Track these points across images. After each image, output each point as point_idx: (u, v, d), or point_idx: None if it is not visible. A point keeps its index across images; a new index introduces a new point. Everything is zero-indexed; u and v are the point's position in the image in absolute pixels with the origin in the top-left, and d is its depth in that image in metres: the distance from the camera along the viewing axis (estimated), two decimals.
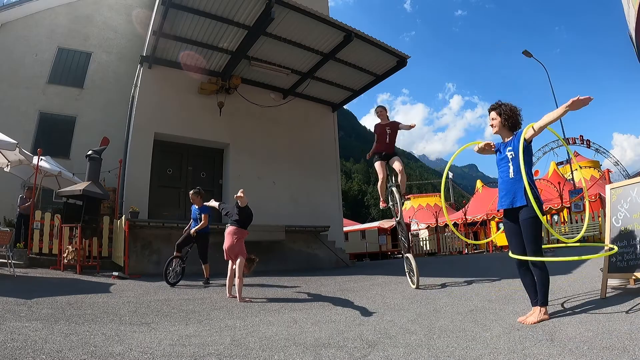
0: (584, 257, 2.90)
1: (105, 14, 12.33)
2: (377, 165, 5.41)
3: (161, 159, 9.28)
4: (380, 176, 5.39)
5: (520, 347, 2.20)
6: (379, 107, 5.71)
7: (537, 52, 20.43)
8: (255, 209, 4.97)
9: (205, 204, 5.95)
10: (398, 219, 5.34)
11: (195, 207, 6.09)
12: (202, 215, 5.91)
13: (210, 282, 5.93)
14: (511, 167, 2.96)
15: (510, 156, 2.97)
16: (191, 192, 6.18)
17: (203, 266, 5.99)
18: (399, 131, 5.51)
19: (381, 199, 5.55)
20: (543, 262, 2.83)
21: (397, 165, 5.29)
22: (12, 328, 2.61)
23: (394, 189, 5.25)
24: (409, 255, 5.16)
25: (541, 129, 2.87)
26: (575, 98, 2.67)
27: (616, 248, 2.93)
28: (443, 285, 5.01)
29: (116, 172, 8.78)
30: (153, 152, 8.97)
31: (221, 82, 9.59)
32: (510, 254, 3.04)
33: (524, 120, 3.14)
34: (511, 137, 3.05)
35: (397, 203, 5.24)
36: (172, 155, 9.57)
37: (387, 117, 5.71)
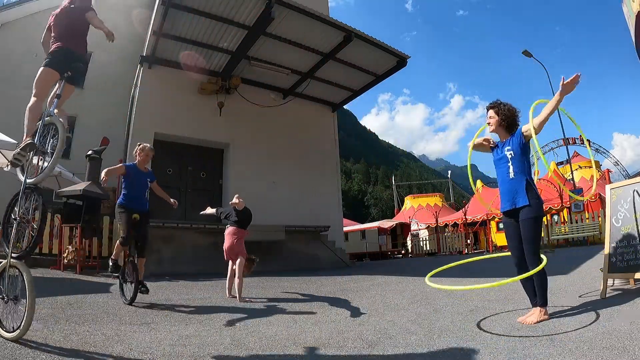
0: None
1: (105, 14, 12.28)
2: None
3: (161, 159, 9.27)
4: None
5: (520, 347, 2.20)
6: None
7: (538, 52, 20.46)
8: (255, 209, 4.98)
9: (202, 212, 5.36)
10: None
11: (138, 168, 4.25)
12: (155, 183, 4.36)
13: (144, 289, 4.07)
14: (511, 167, 2.93)
15: (510, 156, 2.95)
16: (150, 147, 4.40)
17: (137, 260, 4.07)
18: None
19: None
20: (541, 262, 2.82)
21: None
22: None
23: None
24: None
25: (542, 123, 2.85)
26: (563, 82, 2.71)
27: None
28: None
29: None
30: None
31: (221, 82, 9.59)
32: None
33: (522, 123, 3.13)
34: (509, 137, 3.03)
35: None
36: (172, 155, 9.56)
37: None
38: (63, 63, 2.80)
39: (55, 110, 2.77)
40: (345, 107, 13.12)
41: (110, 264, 4.13)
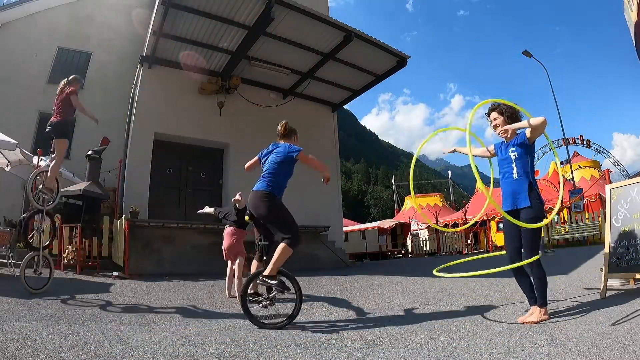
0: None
1: (105, 14, 12.31)
2: None
3: (161, 159, 9.27)
4: None
5: (520, 347, 2.20)
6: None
7: (538, 51, 20.44)
8: None
9: (199, 211, 5.36)
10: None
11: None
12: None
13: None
14: (515, 168, 2.94)
15: (514, 157, 2.95)
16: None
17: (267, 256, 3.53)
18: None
19: None
20: (540, 262, 2.83)
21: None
22: (12, 328, 2.60)
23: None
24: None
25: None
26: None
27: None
28: None
29: (116, 172, 8.77)
30: (153, 152, 8.97)
31: (221, 82, 9.59)
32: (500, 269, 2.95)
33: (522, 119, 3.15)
34: (513, 137, 3.03)
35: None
36: (172, 155, 9.56)
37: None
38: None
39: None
40: (345, 107, 13.14)
41: (275, 282, 3.07)
